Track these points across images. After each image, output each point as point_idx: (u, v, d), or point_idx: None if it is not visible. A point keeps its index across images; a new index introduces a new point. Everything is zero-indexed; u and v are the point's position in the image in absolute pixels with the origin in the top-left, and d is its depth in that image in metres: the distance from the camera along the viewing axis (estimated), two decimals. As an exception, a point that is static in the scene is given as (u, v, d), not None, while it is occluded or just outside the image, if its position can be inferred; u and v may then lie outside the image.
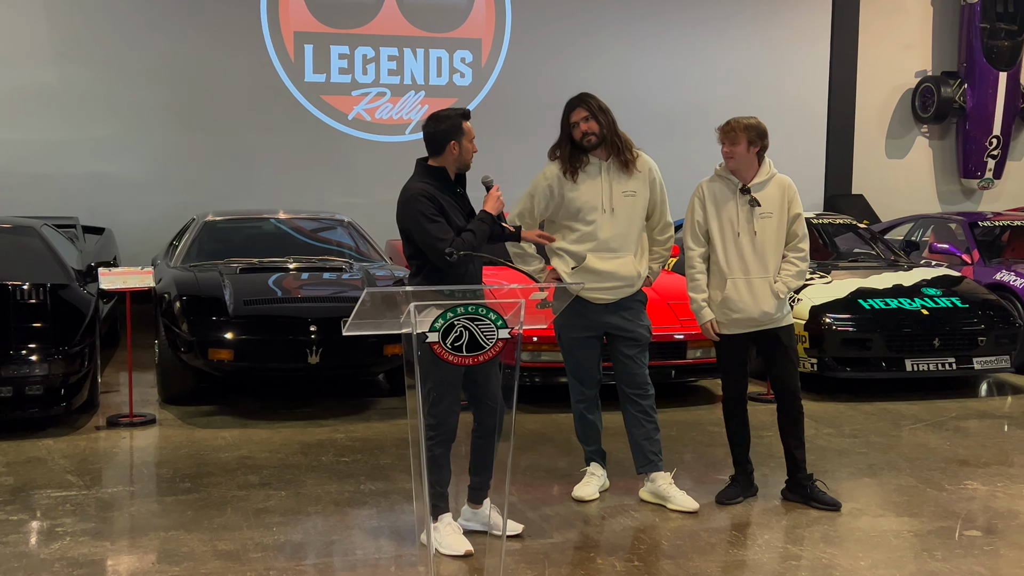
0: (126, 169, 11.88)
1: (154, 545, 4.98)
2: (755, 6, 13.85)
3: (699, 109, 13.15)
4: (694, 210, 5.60)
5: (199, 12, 12.01)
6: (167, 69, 11.97)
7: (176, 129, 12.08)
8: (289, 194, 11.87)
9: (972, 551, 5.02)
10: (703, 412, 7.79)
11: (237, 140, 12.24)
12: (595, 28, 13.26)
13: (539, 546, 5.02)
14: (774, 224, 5.53)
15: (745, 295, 5.50)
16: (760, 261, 5.51)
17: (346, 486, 5.92)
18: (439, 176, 4.93)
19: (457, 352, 3.93)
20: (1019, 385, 8.83)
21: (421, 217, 4.76)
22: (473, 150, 4.98)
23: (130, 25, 11.81)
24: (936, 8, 14.86)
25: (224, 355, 7.30)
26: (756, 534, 5.26)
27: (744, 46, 13.81)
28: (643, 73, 13.27)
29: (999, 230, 10.69)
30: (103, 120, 11.79)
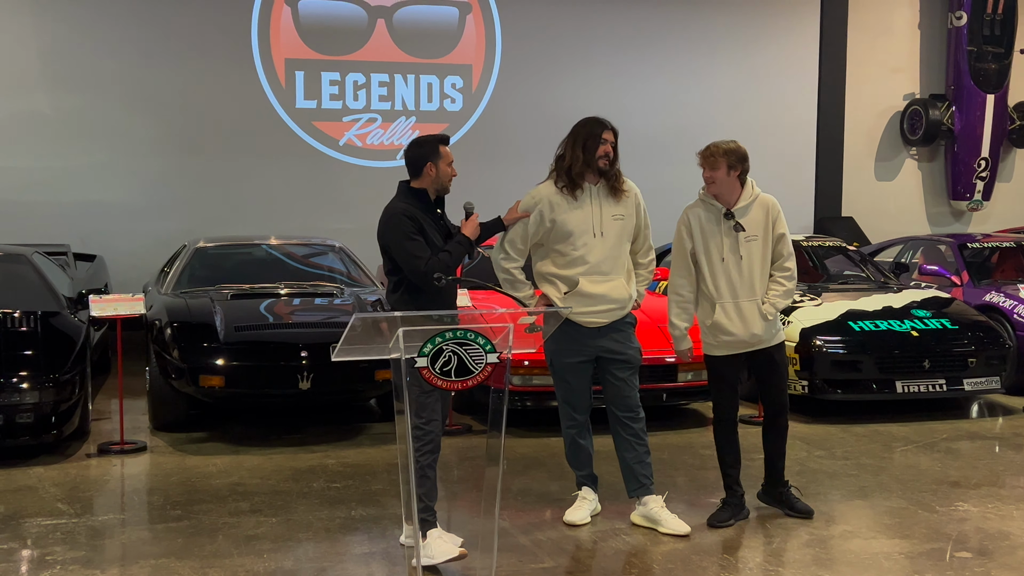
0: (117, 196, 11.88)
1: (145, 573, 4.96)
2: (743, 31, 13.93)
3: (688, 134, 13.13)
4: (681, 238, 5.63)
5: (190, 39, 12.04)
6: (158, 96, 11.99)
7: (167, 156, 12.09)
8: (280, 220, 11.87)
9: (964, 573, 5.02)
10: (695, 435, 7.79)
11: (228, 166, 12.25)
12: (584, 54, 13.33)
13: (531, 571, 5.01)
14: (759, 246, 5.57)
15: (735, 319, 5.53)
16: (747, 284, 5.54)
17: (337, 512, 5.91)
18: (420, 197, 5.13)
19: (446, 377, 3.94)
20: (1009, 406, 8.84)
21: (400, 235, 4.97)
22: (451, 173, 5.18)
23: (121, 52, 11.84)
24: (923, 31, 14.96)
25: (215, 381, 7.30)
26: (748, 557, 5.26)
27: (733, 71, 13.87)
28: (632, 99, 13.31)
29: (988, 252, 10.73)
30: (94, 147, 11.80)
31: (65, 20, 11.67)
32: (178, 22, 12.00)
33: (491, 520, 4.15)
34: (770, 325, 5.59)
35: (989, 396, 8.96)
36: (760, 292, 5.56)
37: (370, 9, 12.63)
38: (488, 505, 4.19)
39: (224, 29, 12.18)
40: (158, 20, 11.92)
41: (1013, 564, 5.15)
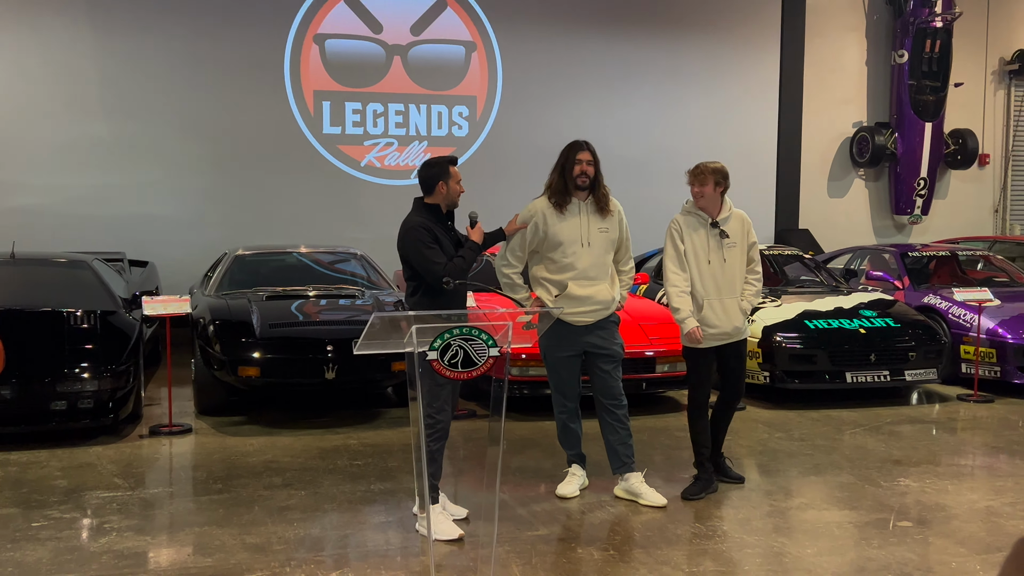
0: (167, 210, 11.88)
1: (190, 539, 4.97)
2: (714, 67, 13.93)
3: (665, 156, 13.24)
4: (675, 241, 5.64)
5: (231, 73, 12.05)
6: (203, 122, 12.00)
7: (210, 174, 12.10)
8: (309, 231, 11.87)
9: (905, 540, 5.03)
10: (670, 419, 7.79)
11: (264, 184, 12.25)
12: (575, 87, 13.33)
13: (527, 538, 5.01)
14: (737, 252, 5.67)
15: (720, 313, 5.61)
16: (729, 284, 5.63)
17: (358, 486, 5.91)
18: (433, 211, 5.14)
19: (453, 368, 3.94)
20: (945, 394, 8.84)
21: (420, 244, 4.98)
22: (460, 190, 5.20)
23: (171, 84, 11.84)
24: (870, 67, 14.97)
25: (252, 372, 7.30)
26: (716, 526, 5.26)
27: (705, 101, 13.88)
28: (616, 125, 13.32)
29: (927, 260, 10.73)
30: (147, 167, 11.80)
31: (121, 56, 11.68)
32: (221, 57, 12.00)
33: (492, 493, 4.14)
34: (744, 319, 5.68)
35: (927, 386, 8.97)
36: (738, 291, 5.64)
37: (387, 47, 12.64)
38: (490, 480, 4.19)
39: (261, 64, 12.18)
40: (203, 56, 11.93)
41: (947, 532, 5.15)
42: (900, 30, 14.54)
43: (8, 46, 11.33)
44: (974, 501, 5.70)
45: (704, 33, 13.86)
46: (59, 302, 7.50)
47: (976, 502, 5.68)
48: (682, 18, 13.75)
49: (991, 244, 12.56)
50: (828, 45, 14.71)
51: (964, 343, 8.96)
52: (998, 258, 11.02)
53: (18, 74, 11.39)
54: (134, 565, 4.61)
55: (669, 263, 5.66)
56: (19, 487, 5.83)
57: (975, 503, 5.66)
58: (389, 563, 4.67)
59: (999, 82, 15.59)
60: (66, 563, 4.61)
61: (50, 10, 11.43)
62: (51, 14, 11.43)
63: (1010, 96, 15.64)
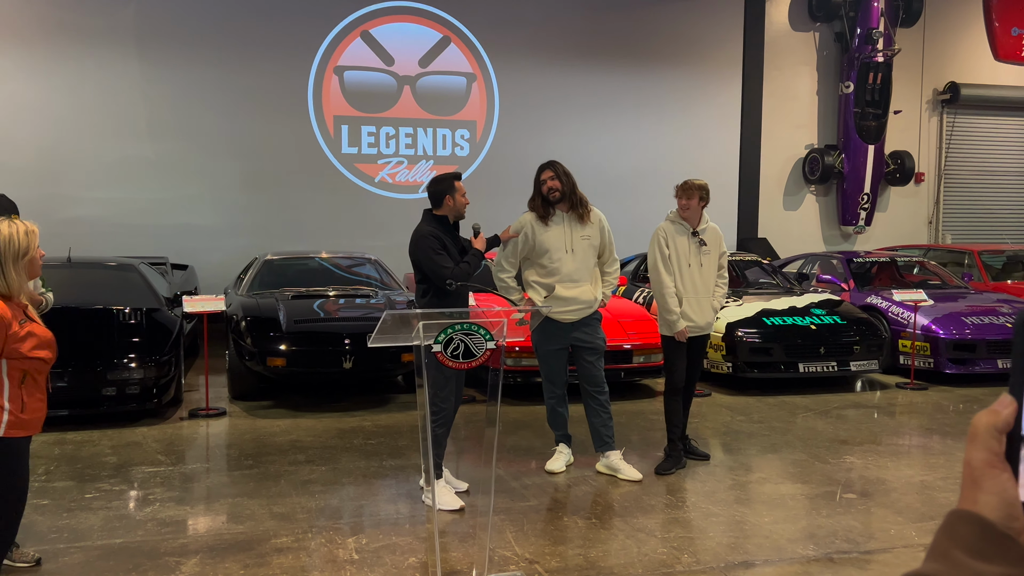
0: (205, 220, 11.85)
1: (224, 509, 4.95)
2: (684, 96, 13.93)
3: (642, 174, 13.25)
4: (661, 247, 5.65)
5: (262, 100, 12.03)
6: (237, 143, 11.97)
7: (243, 189, 12.07)
8: (329, 238, 11.85)
9: (850, 510, 5.03)
10: (645, 404, 7.78)
11: (289, 197, 12.22)
12: (563, 113, 13.32)
13: (520, 508, 5.00)
14: (712, 259, 5.73)
15: (696, 310, 5.68)
16: (704, 285, 5.69)
17: (372, 463, 5.90)
18: (441, 222, 5.13)
19: (455, 359, 3.92)
20: (885, 383, 8.84)
21: (430, 251, 4.97)
22: (465, 202, 5.18)
23: (209, 110, 11.82)
24: (820, 97, 14.97)
25: (279, 362, 7.28)
26: (685, 498, 5.25)
27: (675, 126, 13.88)
28: (598, 146, 13.32)
29: (869, 265, 10.74)
30: (187, 182, 11.77)
31: (166, 85, 11.65)
32: (252, 86, 11.98)
33: (489, 469, 4.13)
34: (713, 316, 5.75)
35: (870, 375, 8.97)
36: (711, 291, 5.71)
37: (399, 78, 12.61)
38: (487, 458, 4.18)
39: (287, 92, 12.16)
40: (237, 84, 11.91)
41: (887, 503, 5.15)
42: (847, 64, 14.55)
43: (67, 76, 11.29)
44: (910, 476, 5.70)
45: (675, 66, 13.85)
46: (109, 300, 7.48)
47: (912, 477, 5.68)
48: (657, 53, 13.74)
49: (926, 252, 12.57)
50: (784, 77, 14.71)
51: (902, 338, 8.96)
52: (932, 264, 11.03)
53: (76, 101, 11.36)
54: (175, 531, 4.59)
55: (659, 266, 5.65)
56: (74, 463, 5.81)
57: (911, 478, 5.66)
58: (399, 530, 4.66)
59: (933, 109, 15.61)
60: (115, 530, 4.59)
61: (103, 43, 11.40)
62: (104, 46, 11.40)
63: (942, 121, 15.66)
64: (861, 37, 14.26)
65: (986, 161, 15.95)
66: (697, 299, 5.66)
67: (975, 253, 11.65)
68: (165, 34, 11.65)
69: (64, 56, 11.28)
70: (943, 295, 9.61)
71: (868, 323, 8.66)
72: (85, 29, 11.34)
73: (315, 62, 12.27)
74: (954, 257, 12.10)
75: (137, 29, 11.55)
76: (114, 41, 11.44)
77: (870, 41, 14.15)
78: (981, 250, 11.89)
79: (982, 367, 8.66)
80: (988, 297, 9.71)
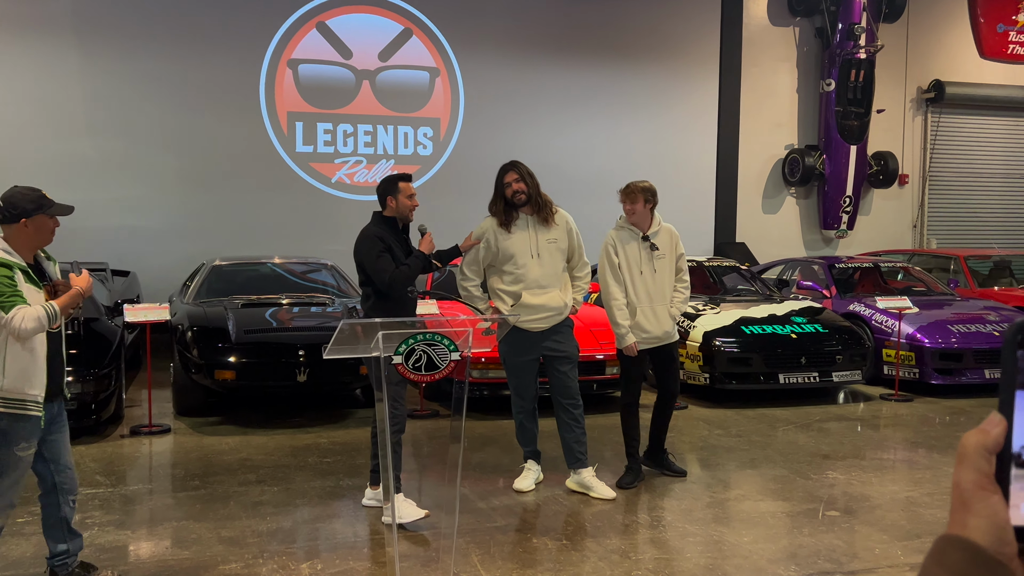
0: (148, 222, 11.73)
1: (168, 533, 4.89)
2: (658, 93, 14.03)
3: (614, 175, 13.19)
4: (611, 256, 5.66)
5: (209, 94, 11.93)
6: (183, 141, 11.86)
7: (190, 190, 11.96)
8: (282, 243, 11.76)
9: (833, 528, 5.07)
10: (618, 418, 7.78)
11: (240, 199, 12.13)
12: (531, 110, 13.36)
13: (486, 529, 4.99)
14: (667, 263, 5.71)
15: (651, 319, 5.63)
16: (660, 292, 5.65)
17: (328, 482, 5.86)
18: (388, 223, 5.20)
19: (417, 371, 3.91)
20: (868, 394, 8.95)
21: (372, 253, 5.04)
22: (411, 204, 5.22)
23: (152, 104, 11.71)
24: (801, 95, 15.16)
25: (228, 375, 7.21)
26: (661, 516, 5.27)
27: (649, 124, 13.97)
28: (568, 146, 13.37)
29: (852, 270, 10.86)
30: (129, 182, 11.64)
31: (107, 78, 11.52)
32: (200, 80, 11.88)
33: (454, 488, 4.12)
34: (674, 324, 5.70)
35: (853, 386, 9.07)
36: (668, 299, 5.68)
37: (357, 72, 12.58)
38: (451, 475, 4.16)
39: (237, 87, 12.07)
40: (184, 78, 11.80)
41: (872, 520, 5.20)
42: (828, 61, 14.74)
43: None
44: (895, 492, 5.76)
45: (650, 62, 13.95)
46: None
47: (897, 493, 5.74)
48: (630, 47, 13.84)
49: (910, 257, 12.76)
50: (763, 74, 14.87)
51: (886, 347, 9.08)
52: (916, 269, 11.19)
53: (8, 94, 11.19)
54: (115, 558, 4.52)
55: (608, 278, 5.67)
56: (5, 485, 5.69)
57: (896, 494, 5.72)
58: (357, 554, 4.63)
59: (917, 108, 15.86)
60: (49, 557, 4.50)
61: (39, 34, 11.24)
62: (39, 38, 11.25)
63: (927, 121, 15.92)
64: (843, 33, 14.46)
65: (972, 162, 16.24)
66: (652, 308, 5.63)
67: (961, 258, 11.84)
68: (106, 24, 11.52)
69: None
70: (928, 302, 9.75)
71: (851, 332, 8.76)
72: (18, 19, 11.17)
73: (267, 55, 12.20)
74: (939, 263, 12.30)
75: (75, 19, 11.41)
76: (50, 32, 11.29)
77: (852, 37, 14.36)
78: (968, 255, 12.08)
79: (969, 377, 8.79)
80: (975, 304, 9.87)
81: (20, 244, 3.81)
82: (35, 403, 3.75)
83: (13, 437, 3.71)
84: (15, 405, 3.69)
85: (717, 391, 8.40)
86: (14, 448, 3.71)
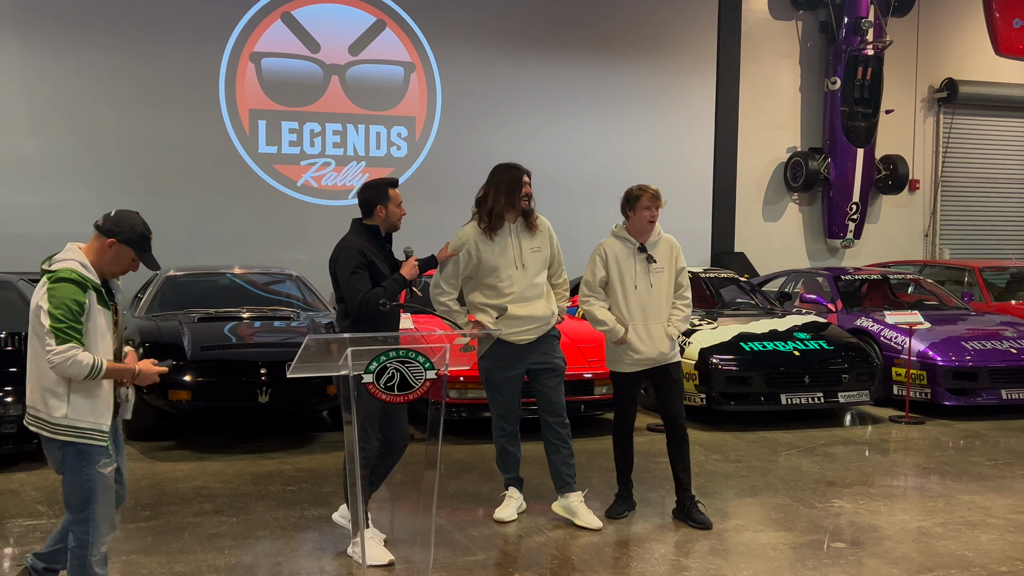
0: (96, 229, 11.65)
1: (116, 568, 4.84)
2: (651, 91, 14.11)
3: (602, 180, 13.31)
4: (595, 267, 5.67)
5: (163, 90, 11.90)
6: (135, 140, 11.82)
7: (142, 193, 11.87)
8: (243, 251, 11.72)
9: (839, 561, 5.09)
10: (608, 442, 7.77)
11: (197, 204, 12.09)
12: (513, 109, 13.41)
13: (464, 563, 4.97)
14: (665, 277, 5.66)
15: (645, 338, 5.58)
16: (656, 308, 5.61)
17: (292, 512, 5.82)
18: (371, 233, 5.13)
19: (389, 391, 3.90)
20: (877, 416, 8.99)
21: (348, 268, 4.97)
22: (400, 213, 5.18)
23: (100, 101, 11.67)
24: (804, 93, 15.27)
25: (183, 395, 7.17)
26: (653, 549, 5.27)
27: (642, 125, 14.03)
28: (553, 148, 13.38)
29: (859, 283, 10.92)
30: (75, 185, 11.57)
31: (50, 72, 11.48)
32: (153, 75, 11.85)
33: (429, 518, 4.11)
34: (672, 344, 5.66)
35: (860, 407, 9.11)
36: (665, 316, 5.63)
37: (325, 67, 12.59)
38: (426, 505, 4.15)
39: (194, 82, 12.05)
40: (135, 72, 11.77)
41: (881, 553, 5.22)
42: (833, 57, 14.87)
43: (-69, 60, 11.07)
44: (906, 522, 5.79)
45: (641, 57, 14.03)
46: (-19, 324, 7.30)
47: (908, 523, 5.77)
48: (620, 42, 13.91)
49: (921, 268, 12.85)
50: (763, 71, 14.98)
51: (896, 365, 9.13)
52: (928, 282, 11.27)
53: (-59, 89, 11.13)
54: (57, 596, 4.47)
55: (584, 287, 5.69)
56: (-64, 516, 5.64)
57: (907, 524, 5.75)
58: (323, 591, 4.60)
59: (928, 109, 16.02)
60: (-15, 595, 4.46)
61: (-24, 24, 11.19)
62: (-23, 28, 11.20)
63: (939, 123, 16.07)
64: (849, 27, 14.59)
65: (988, 167, 16.40)
66: (646, 326, 5.58)
67: (976, 270, 11.93)
68: (50, 15, 11.47)
69: (-71, 37, 11.05)
70: (941, 317, 9.83)
71: (858, 349, 8.80)
72: (-45, 6, 11.12)
73: (228, 48, 12.18)
74: (953, 274, 12.39)
75: (16, 8, 11.36)
76: (-10, 20, 11.24)
77: (859, 32, 14.48)
78: (983, 267, 12.18)
79: (985, 398, 8.85)
80: (991, 319, 9.95)
81: (98, 261, 3.80)
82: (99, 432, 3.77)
83: (95, 457, 3.72)
84: (84, 435, 3.72)
85: (714, 412, 8.42)
86: (95, 466, 3.72)
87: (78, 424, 3.71)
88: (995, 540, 5.44)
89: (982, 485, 6.63)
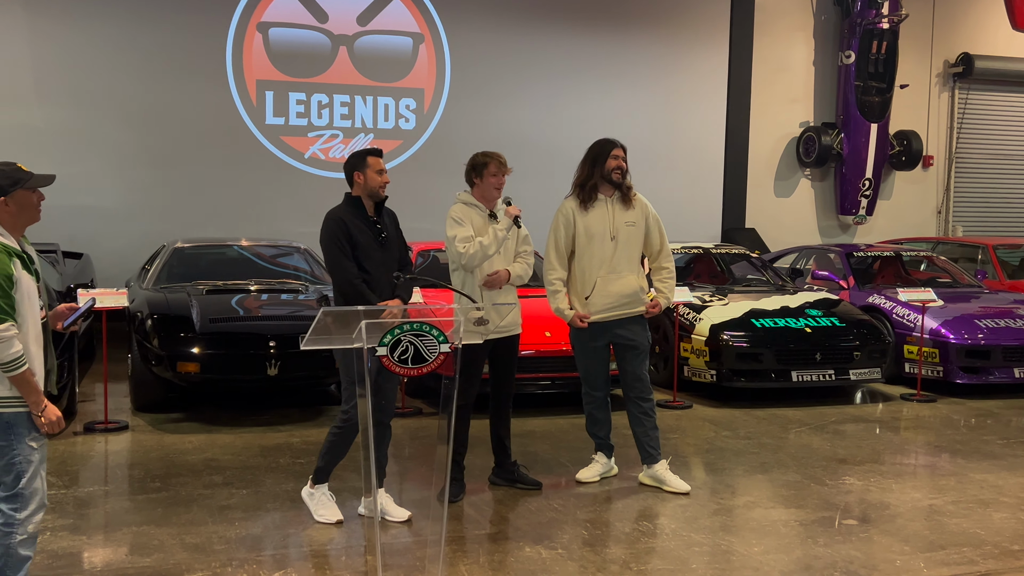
0: (103, 200, 11.68)
1: (127, 539, 4.89)
2: (662, 64, 14.04)
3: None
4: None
5: (171, 61, 11.88)
6: (141, 111, 11.81)
7: (149, 165, 11.91)
8: (251, 224, 11.75)
9: (850, 538, 5.11)
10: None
11: (204, 175, 12.10)
12: (523, 80, 13.35)
13: (474, 536, 5.01)
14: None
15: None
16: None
17: (301, 484, 5.83)
18: (355, 204, 5.19)
19: (403, 364, 3.92)
20: (888, 393, 9.00)
21: (329, 240, 5.10)
22: (381, 180, 5.16)
23: (109, 71, 11.65)
24: (817, 68, 15.20)
25: (191, 368, 7.21)
26: (664, 524, 5.30)
27: (652, 99, 13.98)
28: (563, 120, 13.33)
29: (871, 259, 10.92)
30: (82, 156, 11.58)
31: (57, 42, 11.46)
32: (160, 45, 11.82)
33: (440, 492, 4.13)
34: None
35: (871, 385, 9.13)
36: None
37: (333, 37, 12.55)
38: (438, 479, 4.18)
39: (201, 53, 12.02)
40: (142, 43, 11.75)
41: (891, 530, 5.25)
42: (847, 31, 14.78)
43: (-64, 28, 11.06)
44: (917, 499, 5.81)
45: (653, 30, 13.96)
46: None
47: (919, 500, 5.80)
48: (631, 14, 13.83)
49: (934, 245, 12.83)
50: (776, 44, 14.90)
51: (908, 343, 9.13)
52: (941, 259, 11.26)
53: (-54, 57, 11.13)
54: (68, 565, 4.52)
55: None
56: (-54, 486, 5.68)
57: (918, 501, 5.78)
58: (332, 563, 4.64)
59: (943, 84, 15.93)
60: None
61: (-19, -9, 11.17)
62: (-18, -4, 11.18)
63: (954, 98, 15.99)
64: (864, 1, 14.49)
65: (1003, 143, 16.33)
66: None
67: (990, 247, 11.92)
68: (56, -19, 11.43)
69: (-66, 4, 11.03)
70: (954, 295, 9.82)
71: (870, 326, 8.81)
72: (-40, -27, 11.09)
73: (235, 17, 12.14)
74: (966, 252, 12.37)
75: (23, -26, 11.33)
76: (-5, -12, 11.22)
77: (874, 5, 14.40)
78: (996, 244, 12.16)
79: (997, 376, 8.87)
80: (1004, 297, 9.95)
81: (6, 225, 3.70)
82: None
83: (21, 430, 3.62)
84: (14, 403, 3.60)
85: (724, 389, 8.44)
86: (27, 440, 3.63)
87: (9, 395, 3.56)
88: (1007, 519, 5.47)
89: (994, 463, 6.65)
